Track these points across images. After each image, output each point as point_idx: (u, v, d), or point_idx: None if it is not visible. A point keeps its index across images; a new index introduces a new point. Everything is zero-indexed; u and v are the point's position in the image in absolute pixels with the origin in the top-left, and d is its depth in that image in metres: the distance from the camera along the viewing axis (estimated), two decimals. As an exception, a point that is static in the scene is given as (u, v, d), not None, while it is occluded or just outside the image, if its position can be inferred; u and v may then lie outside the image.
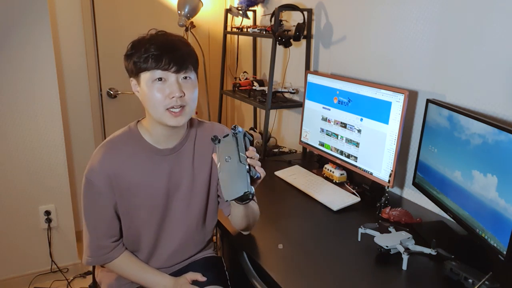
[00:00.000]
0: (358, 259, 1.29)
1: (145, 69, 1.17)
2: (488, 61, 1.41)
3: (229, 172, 1.08)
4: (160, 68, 1.15)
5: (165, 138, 1.27)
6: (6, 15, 2.08)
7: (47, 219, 2.38)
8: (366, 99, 1.70)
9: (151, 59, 1.15)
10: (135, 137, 1.27)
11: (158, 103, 1.17)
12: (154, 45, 1.16)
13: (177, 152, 1.30)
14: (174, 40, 1.20)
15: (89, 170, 1.23)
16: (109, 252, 1.28)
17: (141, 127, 1.29)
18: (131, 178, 1.24)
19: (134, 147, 1.26)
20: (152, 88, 1.17)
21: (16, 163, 2.25)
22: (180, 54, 1.17)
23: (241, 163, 1.08)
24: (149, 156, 1.27)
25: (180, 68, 1.17)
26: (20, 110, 2.20)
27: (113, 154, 1.24)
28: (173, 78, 1.17)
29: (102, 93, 2.78)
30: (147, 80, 1.17)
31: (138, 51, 1.17)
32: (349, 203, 1.63)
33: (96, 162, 1.22)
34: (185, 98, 1.19)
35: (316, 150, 2.06)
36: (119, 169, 1.23)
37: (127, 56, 1.20)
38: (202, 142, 1.35)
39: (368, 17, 1.89)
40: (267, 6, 2.62)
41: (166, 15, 2.86)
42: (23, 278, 2.39)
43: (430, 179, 1.50)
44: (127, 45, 1.22)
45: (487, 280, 1.08)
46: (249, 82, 2.55)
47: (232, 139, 1.13)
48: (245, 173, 1.06)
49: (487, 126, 1.21)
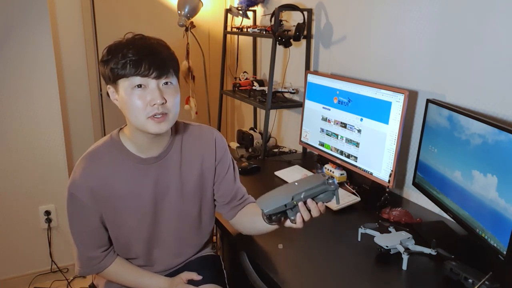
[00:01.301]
0: (358, 259, 1.29)
1: (123, 76, 1.10)
2: (488, 61, 1.41)
3: (282, 189, 1.10)
4: (140, 74, 1.09)
5: (148, 146, 1.22)
6: (6, 15, 2.08)
7: (47, 219, 2.38)
8: (366, 99, 1.70)
9: (129, 64, 1.08)
10: (117, 147, 1.22)
11: (139, 111, 1.11)
12: (132, 49, 1.09)
13: (163, 159, 1.25)
14: (153, 44, 1.13)
15: (71, 184, 1.19)
16: (100, 262, 1.26)
17: (123, 135, 1.24)
18: (115, 189, 1.20)
19: (117, 157, 1.21)
20: (131, 96, 1.10)
21: (16, 163, 2.25)
22: (160, 58, 1.11)
23: (294, 196, 1.08)
24: (133, 165, 1.22)
25: (161, 74, 1.11)
26: (20, 110, 2.20)
27: (94, 166, 1.19)
28: (153, 84, 1.11)
29: (102, 93, 2.78)
30: (126, 87, 1.11)
31: (115, 57, 1.10)
32: (349, 203, 1.63)
33: (77, 175, 1.18)
34: (167, 105, 1.13)
35: (316, 150, 2.06)
36: (101, 181, 1.19)
37: (103, 62, 1.13)
38: (189, 147, 1.30)
39: (368, 17, 1.89)
40: (267, 6, 2.62)
41: (166, 15, 2.86)
42: (23, 278, 2.39)
43: (430, 179, 1.50)
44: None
45: (487, 280, 1.08)
46: (249, 82, 2.55)
47: (317, 181, 1.10)
48: (283, 204, 1.07)
49: (487, 126, 1.21)
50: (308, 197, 1.09)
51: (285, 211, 1.10)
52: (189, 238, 1.36)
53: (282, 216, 1.15)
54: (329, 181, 1.09)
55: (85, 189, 1.18)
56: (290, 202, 1.08)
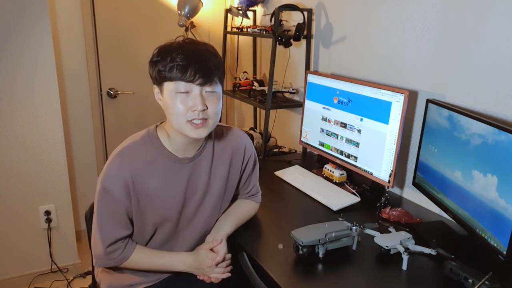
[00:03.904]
0: (358, 259, 1.29)
1: (169, 79, 1.12)
2: (488, 61, 1.41)
3: (314, 227, 1.30)
4: (185, 80, 1.11)
5: (184, 147, 1.24)
6: (6, 15, 2.08)
7: (47, 219, 2.37)
8: (366, 99, 1.70)
9: (176, 69, 1.10)
10: (154, 144, 1.23)
11: (180, 115, 1.14)
12: (182, 54, 1.11)
13: (196, 160, 1.28)
14: (202, 51, 1.15)
15: (106, 177, 1.18)
16: (121, 253, 1.26)
17: (161, 133, 1.25)
18: (148, 185, 1.21)
19: (153, 154, 1.22)
20: (175, 100, 1.13)
21: (16, 163, 2.25)
22: (208, 66, 1.12)
23: (327, 234, 1.26)
24: (168, 164, 1.24)
25: (205, 81, 1.13)
26: (20, 110, 2.20)
27: (132, 161, 1.19)
28: (197, 90, 1.13)
29: (102, 93, 2.78)
30: (170, 90, 1.13)
31: (164, 59, 1.12)
32: (349, 203, 1.63)
33: (114, 168, 1.18)
34: (208, 112, 1.15)
35: (316, 150, 2.06)
36: (137, 176, 1.19)
37: (152, 63, 1.15)
38: (221, 150, 1.34)
39: (368, 17, 1.89)
40: (267, 6, 2.62)
41: (166, 15, 2.86)
42: (23, 278, 2.39)
43: (430, 179, 1.50)
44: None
45: (487, 280, 1.08)
46: (249, 82, 2.55)
47: (343, 226, 1.30)
48: (318, 239, 1.26)
49: (487, 126, 1.21)
50: (337, 237, 1.28)
51: (315, 246, 1.27)
52: (203, 237, 1.37)
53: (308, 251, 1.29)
54: (353, 228, 1.30)
55: (120, 183, 1.18)
56: (323, 238, 1.26)
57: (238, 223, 1.41)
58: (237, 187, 1.44)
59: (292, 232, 1.27)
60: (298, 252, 1.27)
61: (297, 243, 1.26)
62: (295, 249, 1.29)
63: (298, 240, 1.24)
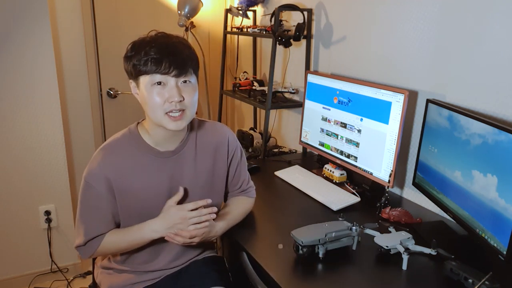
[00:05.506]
0: (358, 259, 1.29)
1: (144, 72, 1.15)
2: (488, 61, 1.41)
3: (315, 226, 1.30)
4: (160, 72, 1.14)
5: (165, 140, 1.26)
6: (6, 15, 2.08)
7: (47, 219, 2.38)
8: (366, 99, 1.70)
9: (150, 62, 1.13)
10: (135, 139, 1.26)
11: (157, 107, 1.16)
12: (155, 47, 1.14)
13: (178, 154, 1.29)
14: (175, 43, 1.17)
15: (88, 173, 1.21)
16: (99, 244, 1.25)
17: (142, 129, 1.28)
18: (132, 181, 1.23)
19: (134, 149, 1.25)
20: (151, 92, 1.16)
21: (16, 163, 2.25)
22: (181, 58, 1.15)
23: (327, 234, 1.27)
24: (150, 158, 1.26)
25: (180, 73, 1.15)
26: (20, 110, 2.20)
27: (113, 157, 1.22)
28: (172, 82, 1.16)
29: (102, 93, 2.78)
30: (146, 83, 1.16)
31: (138, 54, 1.15)
32: (349, 203, 1.63)
33: (95, 164, 1.21)
34: (185, 102, 1.18)
35: (316, 150, 2.06)
36: (118, 172, 1.22)
37: (127, 58, 1.18)
38: (203, 143, 1.34)
39: (368, 17, 1.89)
40: (267, 6, 2.62)
41: (166, 15, 2.86)
42: (23, 278, 2.39)
43: (430, 179, 1.50)
44: (127, 45, 1.21)
45: (487, 280, 1.08)
46: (249, 82, 2.55)
47: (343, 226, 1.31)
48: (318, 239, 1.26)
49: (487, 126, 1.21)
50: (336, 237, 1.29)
51: (315, 246, 1.28)
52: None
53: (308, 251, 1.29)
54: (353, 228, 1.31)
55: (102, 179, 1.21)
56: (323, 238, 1.26)
57: (230, 218, 1.38)
58: (227, 184, 1.44)
59: (292, 232, 1.27)
60: (298, 252, 1.27)
61: (297, 243, 1.26)
62: (295, 249, 1.29)
63: (298, 240, 1.25)
